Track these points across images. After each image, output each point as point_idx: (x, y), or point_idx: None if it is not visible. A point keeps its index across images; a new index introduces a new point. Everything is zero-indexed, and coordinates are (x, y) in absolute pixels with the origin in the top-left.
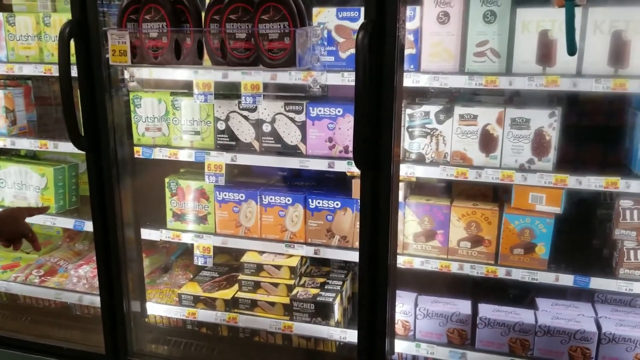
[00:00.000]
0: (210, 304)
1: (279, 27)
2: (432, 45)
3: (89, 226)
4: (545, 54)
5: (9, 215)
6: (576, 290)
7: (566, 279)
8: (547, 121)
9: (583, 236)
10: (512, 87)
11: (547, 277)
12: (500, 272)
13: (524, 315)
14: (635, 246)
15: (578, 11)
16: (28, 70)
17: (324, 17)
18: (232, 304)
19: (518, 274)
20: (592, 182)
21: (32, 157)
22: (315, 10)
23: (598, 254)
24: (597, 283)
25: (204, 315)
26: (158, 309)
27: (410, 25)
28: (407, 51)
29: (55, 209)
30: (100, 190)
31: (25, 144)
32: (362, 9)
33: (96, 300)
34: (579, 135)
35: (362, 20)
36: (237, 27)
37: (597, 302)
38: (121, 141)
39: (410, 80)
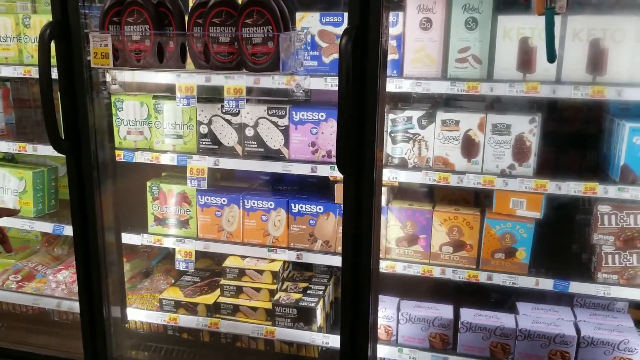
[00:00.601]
0: (191, 309)
1: (262, 32)
2: (415, 51)
3: (68, 230)
4: (526, 61)
5: None
6: (556, 294)
7: (546, 283)
8: (527, 127)
9: (563, 241)
10: (493, 93)
11: (527, 282)
12: (482, 277)
13: (504, 320)
14: (613, 251)
15: (557, 19)
16: (7, 72)
17: (308, 21)
18: (213, 309)
19: (499, 279)
20: (572, 188)
21: (10, 160)
22: (298, 15)
23: (577, 259)
24: (576, 287)
25: (186, 320)
26: (139, 315)
27: (393, 30)
28: (390, 56)
29: (33, 212)
30: (80, 193)
31: (4, 146)
32: (346, 14)
33: (75, 306)
34: (558, 141)
35: (345, 25)
36: (220, 31)
37: (576, 306)
38: (102, 144)
39: (393, 85)
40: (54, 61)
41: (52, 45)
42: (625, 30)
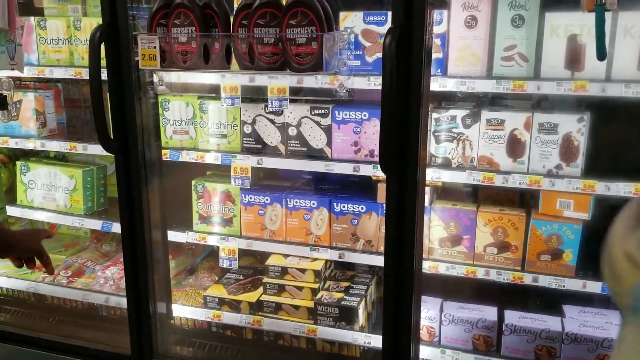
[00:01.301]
0: (235, 306)
1: (306, 32)
2: (460, 49)
3: (116, 228)
4: (574, 59)
5: (26, 233)
6: (604, 297)
7: (594, 286)
8: (575, 126)
9: None
10: (540, 91)
11: (574, 284)
12: (527, 279)
13: (550, 323)
14: None
15: (608, 16)
16: (58, 73)
17: (351, 21)
18: (256, 307)
19: (545, 281)
20: (621, 188)
21: (61, 159)
22: (342, 14)
23: None
24: None
25: (229, 317)
26: (183, 311)
27: (437, 29)
28: (434, 55)
29: (83, 210)
30: (128, 192)
31: (55, 145)
32: (389, 13)
33: (122, 302)
34: (608, 141)
35: (388, 24)
36: (265, 32)
37: None
38: (149, 144)
39: (437, 84)
40: (103, 62)
41: (102, 47)
42: None
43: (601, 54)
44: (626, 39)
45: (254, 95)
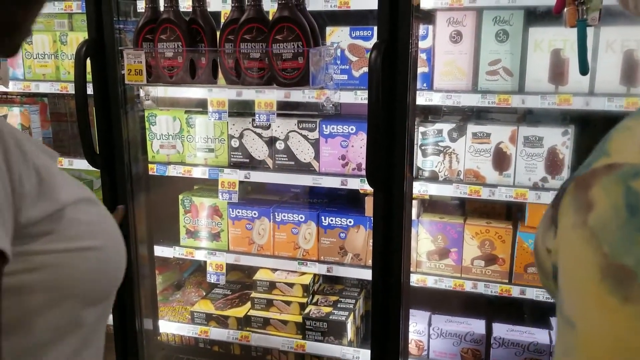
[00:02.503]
0: (222, 322)
1: (292, 47)
2: (445, 64)
3: None
4: (558, 73)
5: None
6: None
7: None
8: (560, 139)
9: None
10: (525, 105)
11: None
12: (515, 291)
13: (538, 335)
14: None
15: (590, 31)
16: (44, 88)
17: (338, 36)
18: (244, 322)
19: (532, 293)
20: None
21: None
22: (328, 29)
23: None
24: None
25: (217, 333)
26: (170, 327)
27: (422, 44)
28: (419, 70)
29: None
30: (114, 207)
31: None
32: (375, 28)
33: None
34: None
35: (375, 39)
36: (251, 47)
37: None
38: (135, 158)
39: (423, 98)
40: (89, 77)
41: (88, 61)
42: None
43: (583, 69)
44: (608, 54)
45: (242, 110)
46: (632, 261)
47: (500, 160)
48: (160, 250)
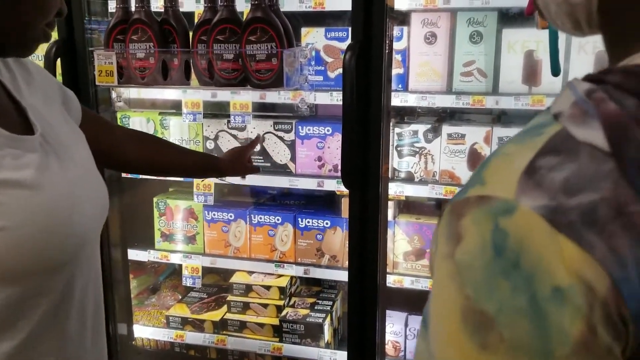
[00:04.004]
0: (198, 325)
1: (266, 48)
2: (420, 65)
3: None
4: (531, 74)
5: (233, 156)
6: None
7: None
8: None
9: None
10: (499, 106)
11: None
12: None
13: None
14: None
15: (562, 33)
16: None
17: (313, 37)
18: (220, 326)
19: None
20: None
21: None
22: (304, 30)
23: None
24: None
25: (192, 337)
26: (145, 332)
27: (397, 45)
28: (395, 71)
29: None
30: None
31: None
32: (350, 29)
33: None
34: None
35: (350, 40)
36: (224, 48)
37: None
38: None
39: (398, 99)
40: (60, 78)
41: (59, 62)
42: None
43: (555, 70)
44: (580, 55)
45: (217, 111)
46: (493, 308)
47: (475, 160)
48: (134, 254)
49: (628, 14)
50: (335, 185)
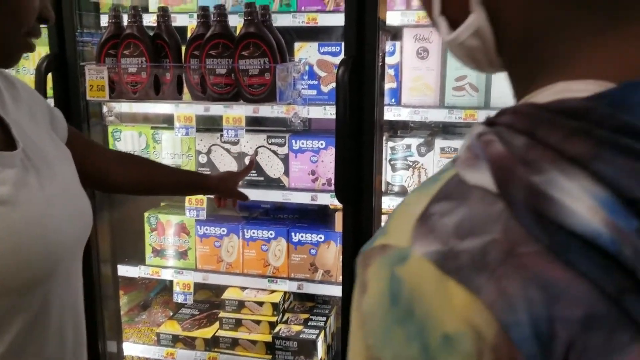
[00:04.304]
0: (189, 343)
1: (259, 63)
2: (413, 79)
3: None
4: None
5: (223, 177)
6: None
7: None
8: None
9: None
10: None
11: None
12: None
13: None
14: None
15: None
16: None
17: (306, 52)
18: (212, 343)
19: None
20: None
21: None
22: (297, 45)
23: None
24: None
25: (183, 355)
26: (135, 349)
27: (390, 60)
28: (388, 85)
29: None
30: None
31: None
32: (343, 44)
33: None
34: None
35: (343, 55)
36: (217, 63)
37: None
38: None
39: (391, 114)
40: (50, 92)
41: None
42: None
43: None
44: None
45: (209, 125)
46: (389, 357)
47: None
48: (124, 270)
49: (526, 55)
50: (329, 199)
